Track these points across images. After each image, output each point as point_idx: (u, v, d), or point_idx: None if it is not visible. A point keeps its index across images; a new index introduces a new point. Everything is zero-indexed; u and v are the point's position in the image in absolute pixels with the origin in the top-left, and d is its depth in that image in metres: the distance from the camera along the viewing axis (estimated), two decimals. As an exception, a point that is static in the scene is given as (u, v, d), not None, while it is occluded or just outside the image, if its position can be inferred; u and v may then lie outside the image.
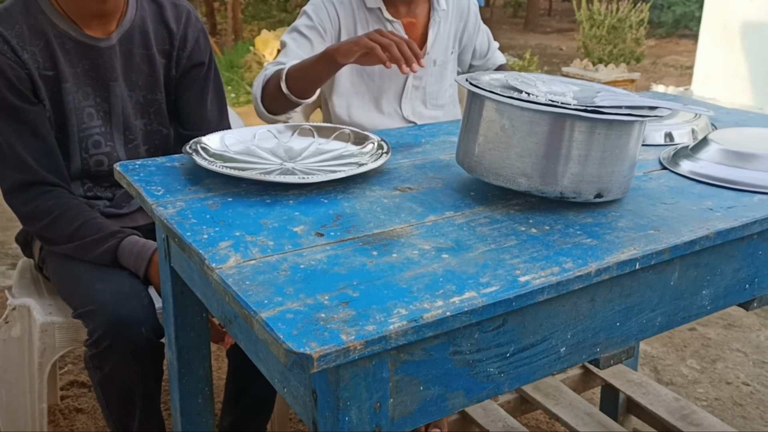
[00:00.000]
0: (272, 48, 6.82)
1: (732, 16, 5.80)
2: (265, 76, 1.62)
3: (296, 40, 1.69)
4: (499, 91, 0.98)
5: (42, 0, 1.41)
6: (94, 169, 1.52)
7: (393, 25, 1.74)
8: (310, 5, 1.73)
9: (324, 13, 1.71)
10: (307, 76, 1.54)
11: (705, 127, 1.32)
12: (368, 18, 1.73)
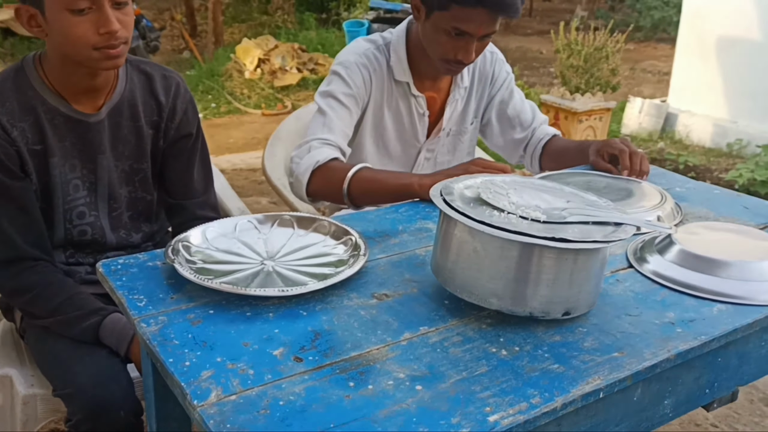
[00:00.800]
0: (253, 57, 6.80)
1: (708, 31, 5.88)
2: (317, 162, 1.54)
3: (335, 109, 1.64)
4: (471, 207, 1.02)
5: (32, 76, 1.42)
6: (78, 238, 1.54)
7: (417, 100, 1.75)
8: (343, 68, 1.67)
9: (359, 78, 1.67)
10: (379, 196, 1.50)
11: (670, 213, 1.37)
12: (395, 90, 1.73)
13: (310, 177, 1.54)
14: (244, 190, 4.22)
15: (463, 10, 1.48)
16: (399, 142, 1.80)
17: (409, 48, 1.70)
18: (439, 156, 1.85)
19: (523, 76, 8.78)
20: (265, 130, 5.88)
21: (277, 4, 9.79)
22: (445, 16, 1.51)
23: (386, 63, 1.70)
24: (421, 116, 1.77)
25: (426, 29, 1.58)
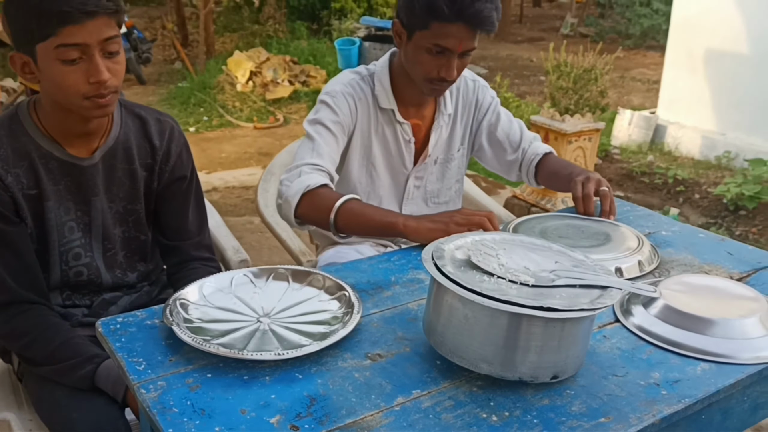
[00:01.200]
0: (244, 69, 6.82)
1: (696, 44, 5.95)
2: (307, 186, 1.57)
3: (323, 135, 1.69)
4: (462, 272, 1.05)
5: (26, 121, 1.44)
6: (74, 279, 1.56)
7: (403, 127, 1.79)
8: (330, 97, 1.73)
9: (346, 106, 1.72)
10: (364, 230, 1.55)
11: (649, 257, 1.42)
12: (381, 118, 1.78)
13: (299, 201, 1.57)
14: (237, 208, 4.25)
15: (442, 26, 1.54)
16: (387, 169, 1.84)
17: (393, 77, 1.76)
18: (429, 184, 1.88)
19: (514, 85, 8.83)
20: (258, 143, 5.91)
21: (268, 14, 9.81)
22: (426, 34, 1.57)
23: (371, 92, 1.76)
24: (407, 143, 1.82)
25: (408, 52, 1.65)
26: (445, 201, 1.93)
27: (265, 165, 5.29)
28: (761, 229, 4.49)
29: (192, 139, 6.03)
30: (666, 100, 6.29)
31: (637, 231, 1.54)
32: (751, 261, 1.45)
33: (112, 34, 1.36)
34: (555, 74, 3.33)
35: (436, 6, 1.52)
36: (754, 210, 4.61)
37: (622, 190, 5.20)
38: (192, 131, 6.25)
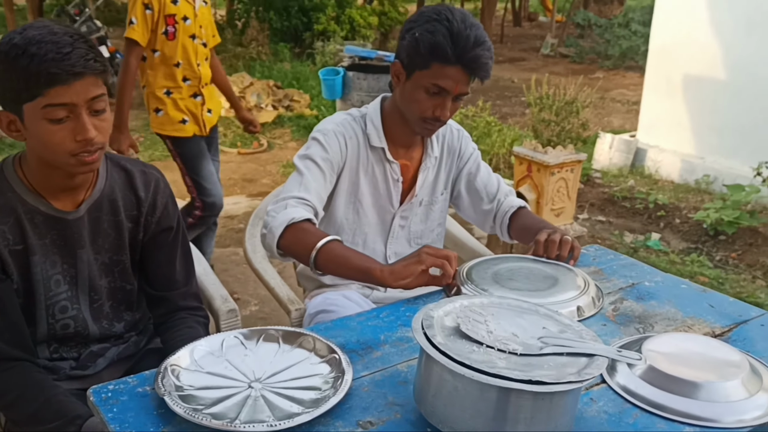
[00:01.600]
0: (228, 94, 6.81)
1: (674, 69, 6.05)
2: (292, 219, 1.61)
3: (311, 170, 1.73)
4: (452, 341, 1.07)
5: (11, 177, 1.45)
6: (61, 332, 1.56)
7: (392, 166, 1.84)
8: (321, 134, 1.78)
9: (336, 144, 1.78)
10: (342, 273, 1.59)
11: (591, 303, 1.49)
12: (371, 156, 1.83)
13: (283, 232, 1.60)
14: (222, 239, 4.24)
15: (442, 67, 1.62)
16: (374, 207, 1.87)
17: (384, 118, 1.83)
18: (413, 225, 1.92)
19: (496, 106, 8.91)
20: (242, 169, 5.90)
21: (251, 36, 9.84)
22: (426, 74, 1.65)
23: (362, 131, 1.82)
24: (395, 182, 1.86)
25: (406, 91, 1.72)
26: (427, 242, 1.95)
27: (249, 192, 5.30)
28: (741, 254, 4.56)
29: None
30: (646, 124, 6.38)
31: (589, 277, 1.58)
32: (732, 314, 1.48)
33: (99, 93, 1.38)
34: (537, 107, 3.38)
35: (440, 47, 1.60)
36: (734, 235, 4.69)
37: (603, 214, 5.26)
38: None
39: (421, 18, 1.66)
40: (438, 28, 1.61)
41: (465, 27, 1.60)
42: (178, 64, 3.14)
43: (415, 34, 1.64)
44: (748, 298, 3.62)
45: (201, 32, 3.18)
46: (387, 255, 1.90)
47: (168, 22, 3.06)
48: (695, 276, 3.92)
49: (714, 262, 4.46)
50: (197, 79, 3.20)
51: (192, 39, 3.14)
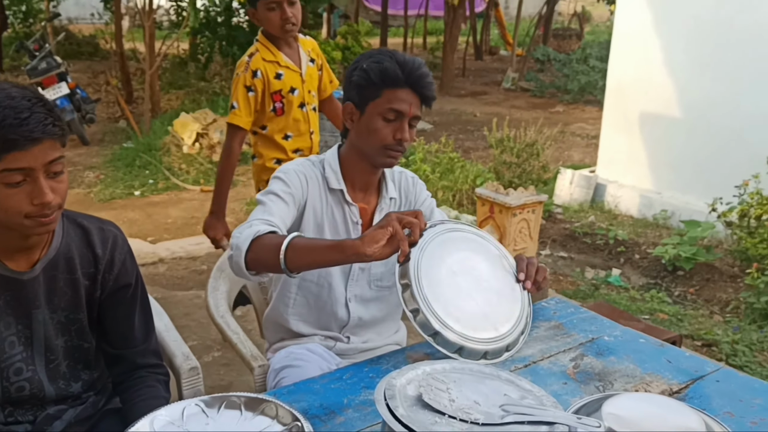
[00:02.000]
0: (191, 131, 6.79)
1: (631, 109, 6.22)
2: (257, 232, 1.59)
3: (274, 201, 1.75)
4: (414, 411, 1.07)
5: None
6: (15, 395, 1.53)
7: (351, 208, 1.86)
8: (283, 173, 1.82)
9: (297, 181, 1.81)
10: (314, 258, 1.54)
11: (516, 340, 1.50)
12: (330, 199, 1.85)
13: (250, 246, 1.58)
14: (184, 281, 4.19)
15: (394, 92, 1.72)
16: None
17: (342, 162, 1.87)
18: (373, 267, 1.92)
19: (458, 140, 9.02)
20: (205, 207, 5.84)
21: (214, 71, 9.84)
22: (380, 102, 1.73)
23: (321, 175, 1.86)
24: (355, 224, 1.88)
25: (362, 126, 1.78)
26: (388, 285, 1.96)
27: (212, 231, 5.25)
28: (698, 290, 4.65)
29: (137, 204, 5.97)
30: (605, 160, 6.52)
31: (527, 313, 1.58)
32: (688, 369, 1.51)
33: (56, 156, 1.37)
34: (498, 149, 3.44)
35: (389, 72, 1.71)
36: (691, 270, 4.79)
37: (565, 250, 5.33)
38: (137, 195, 6.17)
39: (364, 57, 1.79)
40: (383, 58, 1.73)
41: (407, 58, 1.74)
42: (287, 137, 2.89)
43: (363, 66, 1.74)
44: (706, 335, 3.70)
45: (311, 97, 2.91)
46: (347, 298, 1.90)
47: (275, 99, 2.81)
48: (655, 313, 3.99)
49: (673, 298, 4.54)
50: (309, 149, 2.94)
51: (301, 108, 2.87)
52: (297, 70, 2.84)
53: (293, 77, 2.83)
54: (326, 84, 3.04)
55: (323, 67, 3.01)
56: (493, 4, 16.40)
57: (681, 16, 5.80)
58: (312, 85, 2.92)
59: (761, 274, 4.06)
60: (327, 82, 3.04)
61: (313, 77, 2.92)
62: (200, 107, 8.15)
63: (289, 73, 2.82)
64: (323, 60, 3.02)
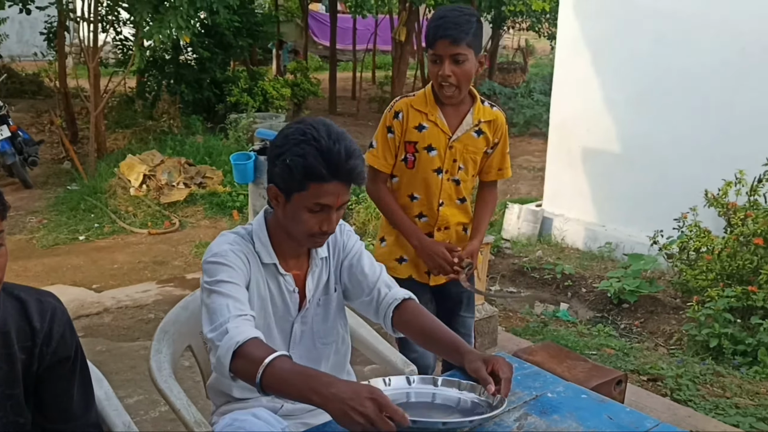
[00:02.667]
0: (138, 173, 6.71)
1: (573, 144, 6.40)
2: (237, 342, 1.57)
3: (225, 286, 1.69)
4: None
5: None
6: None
7: (285, 278, 1.84)
8: (220, 257, 1.74)
9: (240, 263, 1.75)
10: (289, 395, 1.54)
11: None
12: (264, 272, 1.82)
13: (232, 358, 1.56)
14: (130, 332, 4.09)
15: (320, 186, 1.66)
16: (274, 318, 1.87)
17: (270, 233, 1.84)
18: (315, 325, 1.92)
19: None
20: (152, 251, 5.77)
21: (162, 109, 9.74)
22: (305, 195, 1.67)
23: (252, 250, 1.81)
24: (291, 293, 1.86)
25: (288, 212, 1.74)
26: (333, 340, 1.96)
27: (159, 277, 5.17)
28: (643, 322, 4.77)
29: (82, 249, 5.83)
30: (550, 194, 6.67)
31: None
32: (629, 426, 1.54)
33: None
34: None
35: (313, 168, 1.63)
36: (636, 303, 4.91)
37: (515, 285, 5.41)
38: (82, 240, 6.04)
39: (288, 142, 1.67)
40: (307, 149, 1.63)
41: (333, 142, 1.64)
42: (413, 197, 2.56)
43: (286, 161, 1.66)
44: (651, 369, 3.78)
45: (455, 168, 2.52)
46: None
47: (408, 150, 2.52)
48: (602, 348, 4.06)
49: (619, 331, 4.64)
50: (433, 220, 2.57)
51: (437, 174, 2.51)
52: (447, 131, 2.48)
53: (438, 137, 2.49)
54: (491, 167, 2.63)
55: (498, 149, 2.59)
56: (439, 39, 16.68)
57: (618, 55, 6.02)
58: (463, 157, 2.52)
59: (701, 307, 4.18)
60: (494, 167, 2.63)
61: (468, 149, 2.52)
62: (148, 147, 8.06)
63: (435, 130, 2.48)
64: (503, 141, 2.59)
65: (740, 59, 5.19)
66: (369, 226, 6.17)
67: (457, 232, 2.64)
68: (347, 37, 16.68)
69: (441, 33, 2.29)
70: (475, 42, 2.36)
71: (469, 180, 2.60)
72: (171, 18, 6.74)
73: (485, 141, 2.53)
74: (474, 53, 2.37)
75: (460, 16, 2.34)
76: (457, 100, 2.46)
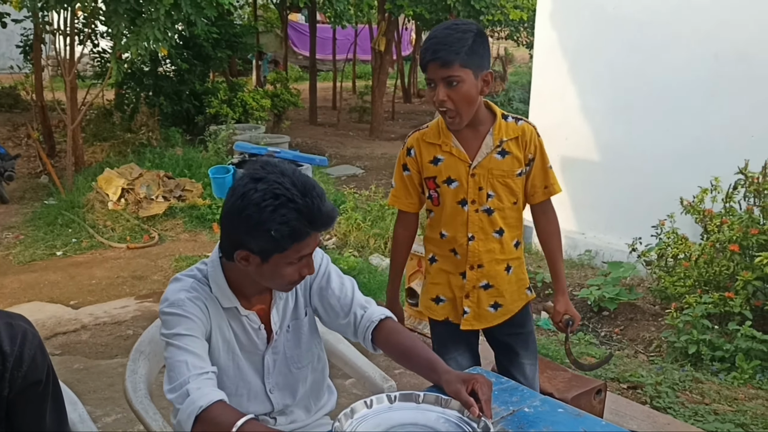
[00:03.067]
0: (116, 187, 6.65)
1: (552, 150, 6.15)
2: (200, 407, 1.54)
3: (184, 341, 1.65)
4: None
5: None
6: None
7: (249, 317, 1.81)
8: (176, 307, 1.70)
9: (198, 312, 1.72)
10: None
11: None
12: (225, 315, 1.78)
13: (195, 422, 1.54)
14: (109, 348, 4.05)
15: (301, 243, 1.64)
16: (244, 356, 1.84)
17: (228, 276, 1.77)
18: (288, 351, 1.90)
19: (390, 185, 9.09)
20: (131, 266, 5.71)
21: (141, 121, 9.67)
22: (287, 254, 1.65)
23: (209, 295, 1.76)
24: (256, 330, 1.84)
25: (265, 271, 1.68)
26: (308, 362, 1.94)
27: (138, 292, 5.12)
28: (623, 329, 4.80)
29: (60, 265, 5.76)
30: (530, 203, 6.69)
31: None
32: (603, 440, 1.55)
33: None
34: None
35: (298, 231, 1.60)
36: (616, 311, 4.94)
37: (496, 294, 5.42)
38: (59, 255, 5.97)
39: (262, 210, 1.58)
40: (289, 214, 1.58)
41: (307, 198, 1.59)
42: (442, 235, 2.35)
43: (271, 232, 1.58)
44: (631, 377, 3.81)
45: (482, 196, 2.26)
46: (267, 389, 1.88)
47: (429, 186, 2.32)
48: (583, 357, 4.08)
49: (600, 339, 4.66)
50: (464, 256, 2.33)
51: (462, 206, 2.28)
52: (465, 159, 2.25)
53: (456, 166, 2.26)
54: (535, 187, 2.36)
55: (536, 165, 2.32)
56: (419, 48, 16.79)
57: (594, 64, 6.08)
58: (491, 184, 2.26)
59: (680, 313, 4.22)
60: (538, 186, 2.37)
61: (494, 173, 2.25)
62: (126, 159, 7.99)
63: (452, 160, 2.26)
64: (540, 155, 2.33)
65: (714, 67, 5.26)
66: (350, 237, 6.16)
67: (497, 272, 2.34)
68: (327, 47, 16.71)
69: (429, 56, 2.10)
70: (472, 60, 2.10)
71: (509, 208, 2.30)
72: (148, 30, 6.71)
73: (514, 161, 2.26)
74: (473, 72, 2.11)
75: (451, 34, 2.10)
76: (460, 126, 2.21)
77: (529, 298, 2.48)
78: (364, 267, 5.59)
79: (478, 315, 2.38)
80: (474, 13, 11.15)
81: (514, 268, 2.40)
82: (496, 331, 2.44)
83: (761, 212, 4.43)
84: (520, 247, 2.41)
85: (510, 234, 2.34)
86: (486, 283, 2.34)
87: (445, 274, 2.38)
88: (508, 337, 2.46)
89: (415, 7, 10.87)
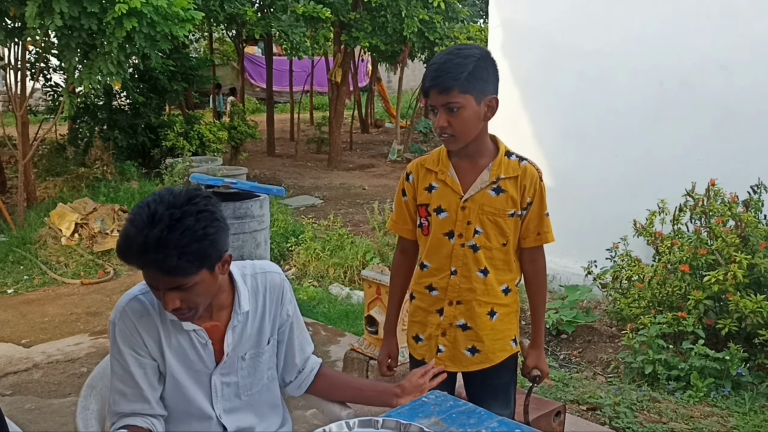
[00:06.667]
0: (69, 222, 6.52)
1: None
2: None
3: (125, 367, 1.73)
4: None
5: None
6: None
7: (197, 332, 1.79)
8: (120, 328, 1.75)
9: (140, 326, 1.74)
10: None
11: None
12: (171, 328, 1.77)
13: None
14: (62, 387, 3.94)
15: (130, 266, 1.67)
16: (188, 375, 1.83)
17: None
18: (241, 379, 1.89)
19: (348, 214, 9.14)
20: (85, 302, 5.59)
21: (95, 155, 9.55)
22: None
23: (153, 307, 1.76)
24: (204, 346, 1.83)
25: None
26: (257, 390, 1.94)
27: (93, 329, 5.00)
28: (581, 352, 4.86)
29: (10, 303, 5.60)
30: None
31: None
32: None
33: None
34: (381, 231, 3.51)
35: (120, 252, 1.63)
36: (574, 333, 5.00)
37: (456, 321, 5.44)
38: (10, 293, 5.81)
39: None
40: (130, 256, 1.61)
41: (149, 223, 1.56)
42: (423, 266, 2.26)
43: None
44: (590, 399, 3.85)
45: (469, 231, 2.15)
46: (218, 414, 1.87)
47: (420, 213, 2.24)
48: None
49: (559, 362, 4.71)
50: (444, 291, 2.22)
51: (449, 238, 2.18)
52: (458, 191, 2.15)
53: (448, 197, 2.17)
54: (528, 232, 2.25)
55: (533, 210, 2.24)
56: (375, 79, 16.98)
57: (544, 92, 6.23)
58: (480, 220, 2.14)
59: (636, 334, 4.29)
60: (531, 231, 2.25)
61: (485, 209, 2.14)
62: (80, 194, 7.86)
63: (445, 190, 2.17)
64: (538, 200, 2.25)
65: (659, 93, 5.44)
66: (309, 267, 6.13)
67: (478, 315, 2.20)
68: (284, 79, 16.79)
69: (429, 83, 2.06)
70: (472, 85, 2.04)
71: (497, 248, 2.18)
72: (101, 63, 6.65)
73: (508, 200, 2.16)
74: (474, 98, 2.05)
75: (451, 59, 2.05)
76: (456, 146, 2.12)
77: (513, 351, 2.32)
78: (324, 297, 5.56)
79: (453, 356, 2.25)
80: (429, 44, 11.38)
81: (500, 315, 2.26)
82: (478, 374, 2.29)
83: (708, 233, 4.55)
84: (510, 295, 2.28)
85: (496, 276, 2.20)
86: (464, 322, 2.22)
87: (423, 312, 2.28)
88: (478, 382, 2.32)
89: (371, 38, 11.02)
